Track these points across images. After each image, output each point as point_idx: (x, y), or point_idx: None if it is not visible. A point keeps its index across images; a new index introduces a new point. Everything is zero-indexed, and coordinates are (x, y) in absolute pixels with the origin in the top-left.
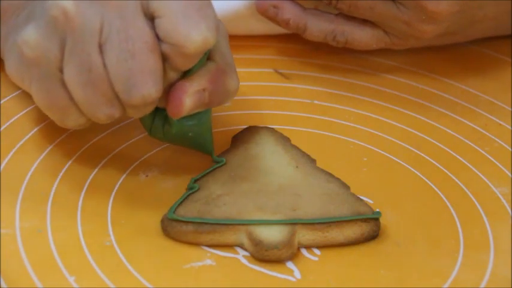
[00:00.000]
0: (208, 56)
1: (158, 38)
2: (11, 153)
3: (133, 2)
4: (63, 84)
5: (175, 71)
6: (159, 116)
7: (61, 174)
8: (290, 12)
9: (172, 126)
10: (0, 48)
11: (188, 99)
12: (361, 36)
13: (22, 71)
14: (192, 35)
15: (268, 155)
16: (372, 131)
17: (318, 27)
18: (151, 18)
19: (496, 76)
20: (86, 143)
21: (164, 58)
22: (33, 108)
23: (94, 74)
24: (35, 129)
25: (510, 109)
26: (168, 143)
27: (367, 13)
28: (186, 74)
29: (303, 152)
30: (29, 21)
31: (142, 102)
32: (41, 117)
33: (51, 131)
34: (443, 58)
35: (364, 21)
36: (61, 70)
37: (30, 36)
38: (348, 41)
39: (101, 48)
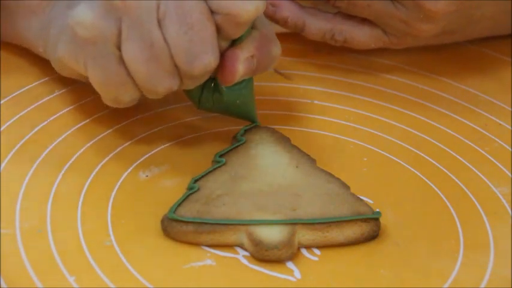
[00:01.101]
0: (251, 25)
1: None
2: (11, 153)
3: None
4: (121, 61)
5: (226, 40)
6: (207, 87)
7: (61, 174)
8: (288, 11)
9: (223, 95)
10: (42, 41)
11: (240, 66)
12: (360, 35)
13: (76, 51)
14: (245, 4)
15: (268, 155)
16: (372, 131)
17: (316, 25)
18: None
19: (496, 76)
20: (85, 143)
21: (217, 28)
22: (33, 108)
23: (156, 49)
24: (35, 129)
25: (510, 109)
26: (216, 112)
27: (365, 11)
28: (234, 43)
29: (303, 152)
30: (73, 5)
31: (204, 71)
32: (41, 117)
33: (51, 130)
34: (443, 58)
35: (363, 21)
36: (118, 48)
37: (85, 17)
38: (346, 40)
39: (159, 23)
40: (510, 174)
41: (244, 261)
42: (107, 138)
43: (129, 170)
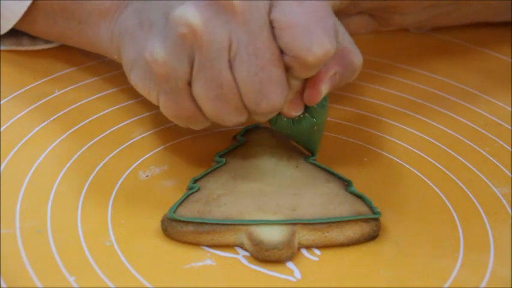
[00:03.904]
0: None
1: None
2: (11, 153)
3: (259, 14)
4: (191, 97)
5: (297, 79)
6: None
7: (61, 174)
8: None
9: (304, 119)
10: (115, 51)
11: (324, 86)
12: (348, 23)
13: (149, 84)
14: (313, 48)
15: (268, 155)
16: (372, 131)
17: None
18: (272, 28)
19: (496, 76)
20: (85, 143)
21: (286, 67)
22: (33, 108)
23: (225, 90)
24: (35, 129)
25: (510, 109)
26: (288, 135)
27: (352, 10)
28: None
29: (303, 152)
30: (150, 32)
31: (271, 110)
32: (41, 117)
33: (51, 131)
34: (443, 58)
35: None
36: (189, 83)
37: (159, 54)
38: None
39: (230, 63)
40: (510, 174)
41: (244, 261)
42: (107, 138)
43: (129, 170)
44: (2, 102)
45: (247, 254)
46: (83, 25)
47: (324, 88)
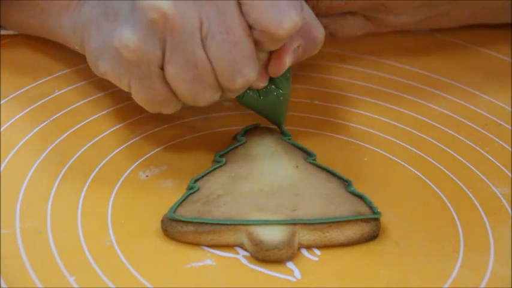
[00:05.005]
0: None
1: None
2: (11, 153)
3: None
4: (164, 80)
5: (265, 52)
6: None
7: (61, 174)
8: None
9: (272, 89)
10: (82, 42)
11: (288, 58)
12: (343, 26)
13: (120, 71)
14: (282, 22)
15: (268, 155)
16: (372, 131)
17: None
18: (239, 5)
19: (496, 76)
20: (85, 143)
21: (255, 42)
22: (33, 108)
23: (200, 69)
24: (35, 129)
25: (510, 109)
26: (254, 109)
27: (345, 8)
28: None
29: (303, 152)
30: (116, 21)
31: (245, 85)
32: (41, 117)
33: (51, 131)
34: (444, 58)
35: (344, 12)
36: (162, 67)
37: (130, 40)
38: (331, 33)
39: (202, 42)
40: (510, 174)
41: (244, 261)
42: (107, 138)
43: (129, 170)
44: (2, 102)
45: (247, 254)
46: (45, 14)
47: (288, 60)
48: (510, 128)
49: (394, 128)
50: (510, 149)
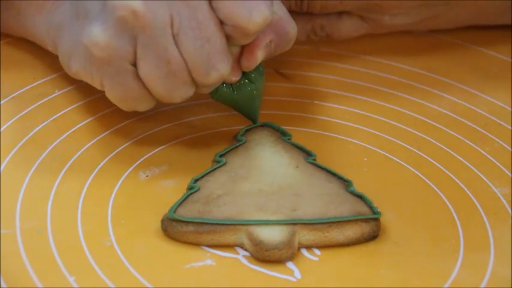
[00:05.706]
0: None
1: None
2: (11, 153)
3: None
4: (137, 77)
5: (236, 46)
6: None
7: (61, 174)
8: None
9: (245, 85)
10: (50, 42)
11: (260, 52)
12: (340, 26)
13: (91, 70)
14: (253, 16)
15: (268, 155)
16: (372, 131)
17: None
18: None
19: (496, 76)
20: (86, 143)
21: (226, 37)
22: (33, 108)
23: (173, 66)
24: (35, 129)
25: (510, 109)
26: (228, 104)
27: (339, 7)
28: None
29: (303, 151)
30: (86, 20)
31: (219, 80)
32: (41, 117)
33: (51, 130)
34: (443, 58)
35: (340, 12)
36: (134, 64)
37: (100, 38)
38: (328, 34)
39: (174, 39)
40: (510, 174)
41: (244, 261)
42: (107, 138)
43: (129, 170)
44: (2, 102)
45: (247, 254)
46: (21, 15)
47: (260, 54)
48: (510, 128)
49: (394, 128)
50: (510, 149)
